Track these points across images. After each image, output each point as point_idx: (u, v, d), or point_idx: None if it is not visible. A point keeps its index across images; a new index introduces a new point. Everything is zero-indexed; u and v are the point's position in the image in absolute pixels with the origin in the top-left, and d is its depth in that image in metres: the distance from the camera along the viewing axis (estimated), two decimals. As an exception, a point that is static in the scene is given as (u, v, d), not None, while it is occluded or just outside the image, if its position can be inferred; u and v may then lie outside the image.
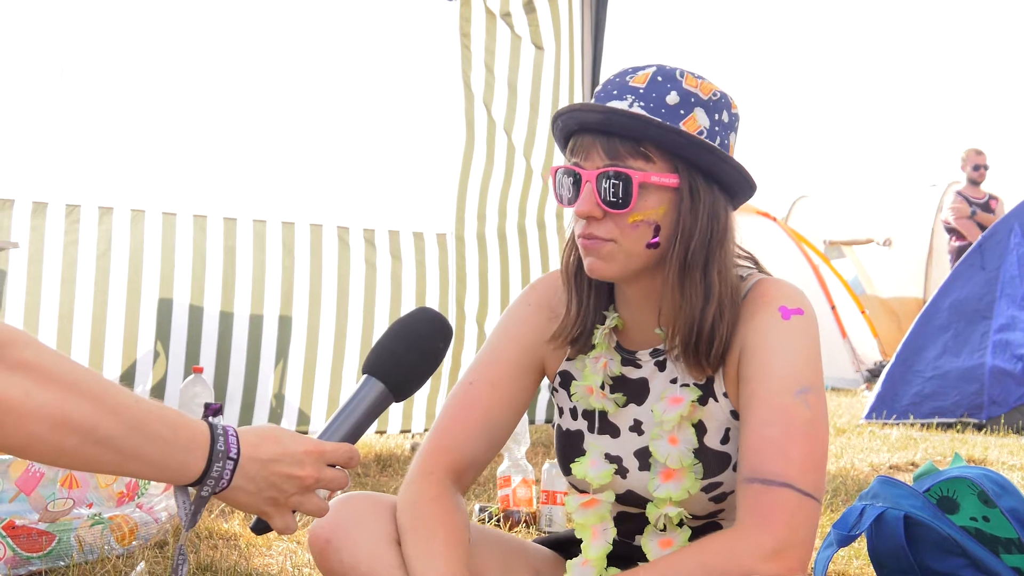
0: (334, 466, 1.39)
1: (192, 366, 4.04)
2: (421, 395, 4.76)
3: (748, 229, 1.72)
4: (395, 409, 4.72)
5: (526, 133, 4.91)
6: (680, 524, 1.63)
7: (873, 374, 9.06)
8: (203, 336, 4.34)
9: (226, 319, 4.37)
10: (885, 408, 6.29)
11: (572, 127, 1.59)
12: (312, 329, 4.54)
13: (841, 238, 11.57)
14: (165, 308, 4.28)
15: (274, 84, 4.45)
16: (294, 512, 1.38)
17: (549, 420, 5.14)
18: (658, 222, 1.57)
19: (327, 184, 4.61)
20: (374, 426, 4.64)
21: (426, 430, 4.78)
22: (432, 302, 4.73)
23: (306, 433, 1.69)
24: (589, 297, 1.70)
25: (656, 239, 1.57)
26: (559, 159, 4.93)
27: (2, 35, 4.01)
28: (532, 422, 5.04)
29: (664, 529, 1.63)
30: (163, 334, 4.28)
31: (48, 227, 4.07)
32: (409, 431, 4.79)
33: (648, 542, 1.64)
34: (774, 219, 10.14)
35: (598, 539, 1.66)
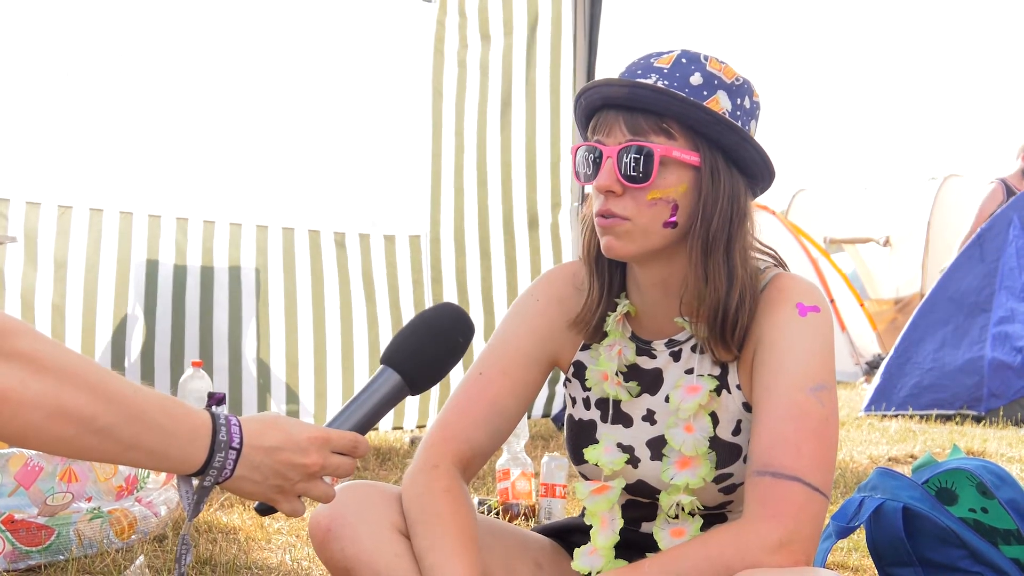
0: (341, 453, 1.39)
1: (180, 367, 4.11)
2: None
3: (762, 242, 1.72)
4: (397, 406, 4.74)
5: (500, 130, 4.90)
6: (692, 513, 1.63)
7: (872, 366, 9.06)
8: (186, 332, 4.40)
9: (206, 315, 4.46)
10: (884, 400, 6.29)
11: (596, 103, 1.59)
12: (290, 331, 4.59)
13: (841, 236, 11.57)
14: (150, 307, 4.39)
15: (264, 94, 4.54)
16: (300, 496, 1.38)
17: (547, 415, 5.15)
18: (676, 201, 1.56)
19: (302, 187, 4.69)
20: (386, 421, 4.68)
21: (420, 426, 4.81)
22: (407, 303, 4.76)
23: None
24: (607, 280, 1.70)
25: (673, 218, 1.57)
26: (544, 158, 4.97)
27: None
28: (529, 416, 5.05)
29: (676, 518, 1.63)
30: (149, 326, 4.36)
31: (41, 227, 4.13)
32: (401, 428, 4.80)
33: (660, 531, 1.64)
34: (773, 213, 10.14)
35: (606, 528, 1.66)
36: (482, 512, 3.16)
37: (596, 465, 1.68)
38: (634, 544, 1.71)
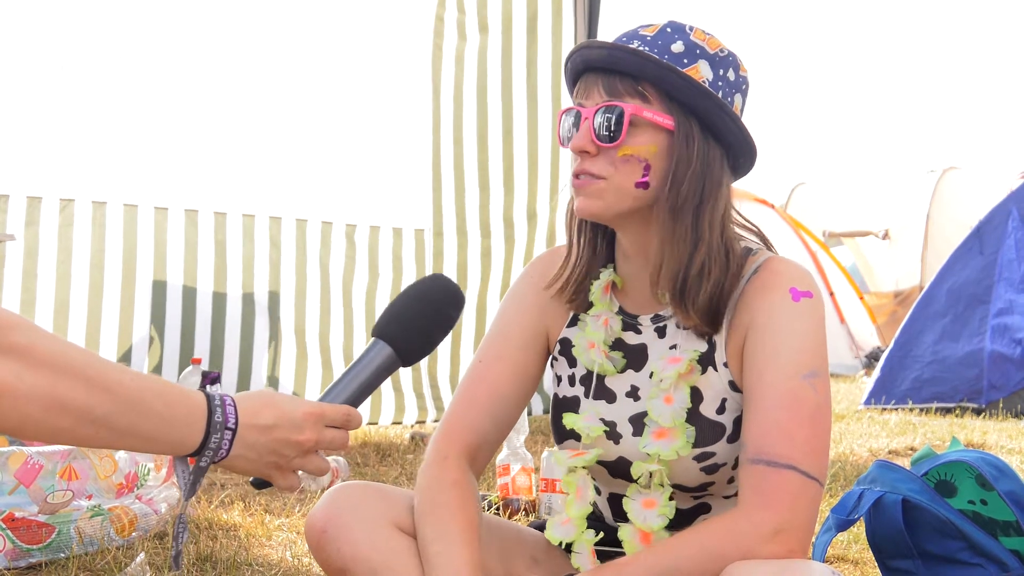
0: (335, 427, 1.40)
1: (191, 358, 4.09)
2: (411, 387, 4.77)
3: (747, 217, 1.71)
4: (387, 400, 4.73)
5: (502, 126, 4.89)
6: (662, 485, 1.61)
7: (872, 359, 9.07)
8: (197, 327, 4.40)
9: (219, 310, 4.43)
10: (884, 393, 6.30)
11: (579, 68, 1.61)
12: (299, 321, 4.59)
13: (840, 230, 11.58)
14: (159, 301, 4.34)
15: (269, 85, 4.51)
16: (296, 471, 1.39)
17: (547, 411, 5.15)
18: (649, 160, 1.57)
19: (312, 180, 4.66)
20: (366, 417, 4.67)
21: (419, 421, 4.82)
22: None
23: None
24: (589, 246, 1.70)
25: (646, 178, 1.57)
26: (545, 146, 4.96)
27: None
28: (529, 413, 5.05)
29: (648, 487, 1.62)
30: (158, 323, 4.33)
31: (43, 221, 4.10)
32: (400, 423, 4.81)
33: (631, 502, 1.63)
34: (772, 206, 10.15)
35: (581, 498, 1.66)
36: (482, 508, 3.17)
37: (574, 432, 1.67)
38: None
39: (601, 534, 1.66)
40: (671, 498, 1.61)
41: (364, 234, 4.73)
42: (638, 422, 1.66)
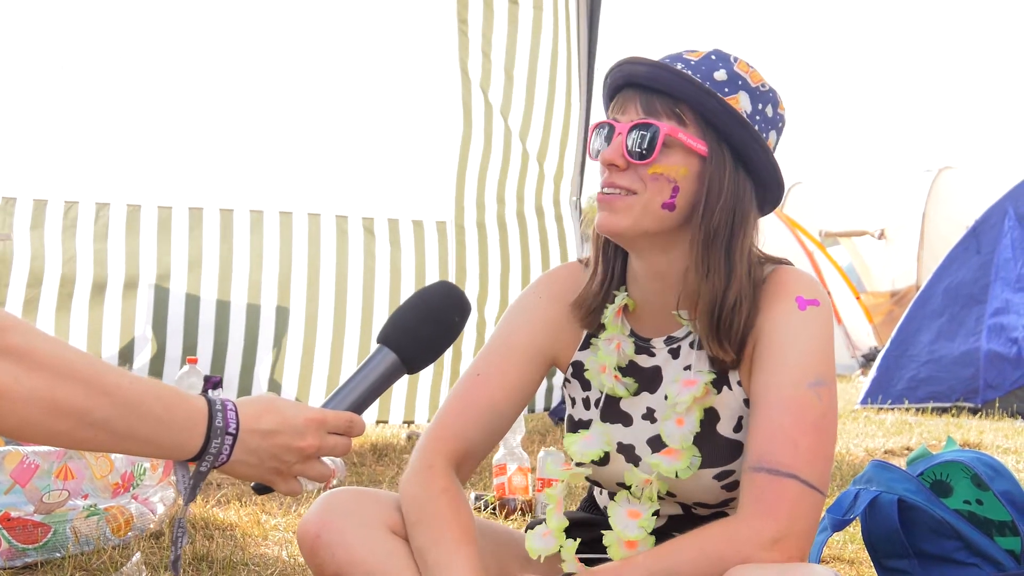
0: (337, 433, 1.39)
1: (188, 357, 4.08)
2: (425, 384, 4.76)
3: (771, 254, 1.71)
4: (397, 399, 4.72)
5: (522, 118, 4.88)
6: (652, 499, 1.62)
7: (868, 359, 9.07)
8: (200, 326, 4.36)
9: (223, 309, 4.40)
10: (880, 393, 6.30)
11: (619, 82, 1.61)
12: (310, 318, 4.55)
13: (836, 229, 11.59)
14: (161, 300, 4.31)
15: (269, 75, 4.45)
16: (297, 476, 1.39)
17: (547, 408, 5.14)
18: (678, 182, 1.56)
19: (326, 173, 4.60)
20: (374, 414, 4.66)
21: (430, 420, 4.79)
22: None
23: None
24: (611, 266, 1.69)
25: (673, 199, 1.56)
26: (555, 143, 4.96)
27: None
28: (532, 411, 5.04)
29: (639, 498, 1.62)
30: (159, 325, 4.31)
31: (48, 224, 4.09)
32: (412, 421, 4.78)
33: (617, 507, 1.63)
34: (769, 205, 10.14)
35: (560, 510, 1.66)
36: (479, 507, 3.17)
37: (568, 454, 1.67)
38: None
39: (579, 540, 1.65)
40: (655, 513, 1.61)
41: (383, 228, 4.68)
42: (657, 444, 1.66)
